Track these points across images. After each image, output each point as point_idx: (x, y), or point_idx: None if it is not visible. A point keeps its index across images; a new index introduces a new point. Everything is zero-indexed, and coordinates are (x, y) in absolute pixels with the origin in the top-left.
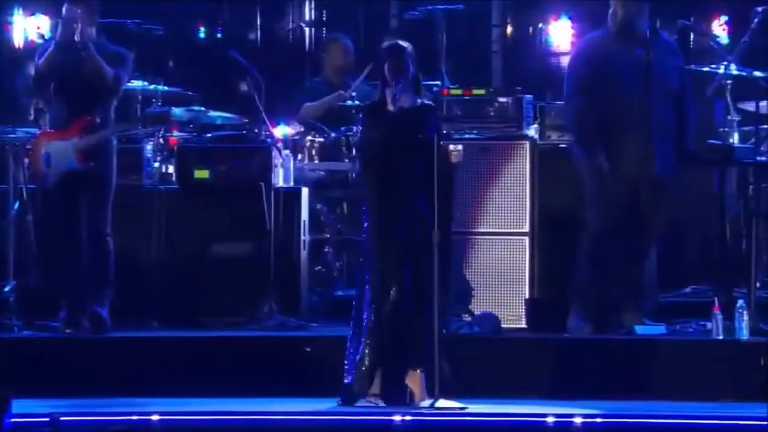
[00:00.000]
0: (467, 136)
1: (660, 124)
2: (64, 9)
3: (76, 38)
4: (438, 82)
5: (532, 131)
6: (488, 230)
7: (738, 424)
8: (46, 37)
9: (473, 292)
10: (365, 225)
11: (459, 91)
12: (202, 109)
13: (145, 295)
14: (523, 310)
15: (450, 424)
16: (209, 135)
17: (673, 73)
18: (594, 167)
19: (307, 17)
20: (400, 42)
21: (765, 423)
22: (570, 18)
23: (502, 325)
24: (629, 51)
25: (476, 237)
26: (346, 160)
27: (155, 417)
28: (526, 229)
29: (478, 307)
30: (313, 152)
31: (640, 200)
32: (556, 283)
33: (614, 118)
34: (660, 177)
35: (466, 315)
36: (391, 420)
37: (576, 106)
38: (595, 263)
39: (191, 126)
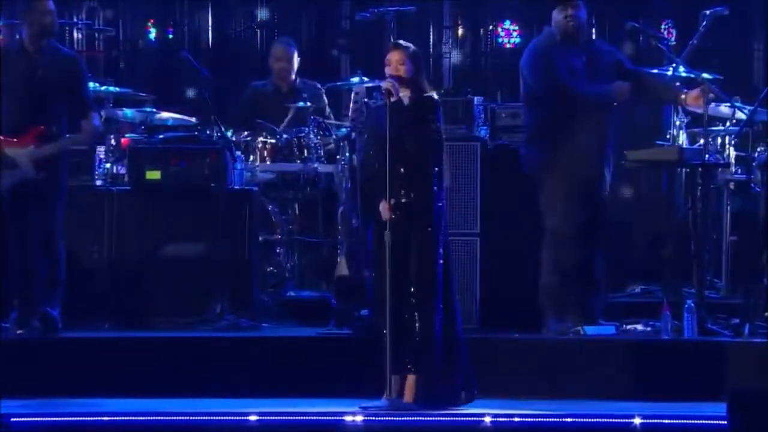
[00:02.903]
0: None
1: (610, 124)
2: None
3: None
4: None
5: (483, 132)
6: None
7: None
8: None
9: None
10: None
11: None
12: (154, 110)
13: (96, 295)
14: (475, 310)
15: (397, 425)
16: (161, 136)
17: (612, 70)
18: (557, 170)
19: (258, 18)
20: (400, 42)
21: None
22: (516, 20)
23: None
24: (574, 56)
25: None
26: (298, 161)
27: (106, 418)
28: (477, 230)
29: None
30: (265, 153)
31: (594, 201)
32: (507, 284)
33: (574, 120)
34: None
35: None
36: (342, 420)
37: (541, 112)
38: (562, 266)
39: (143, 127)
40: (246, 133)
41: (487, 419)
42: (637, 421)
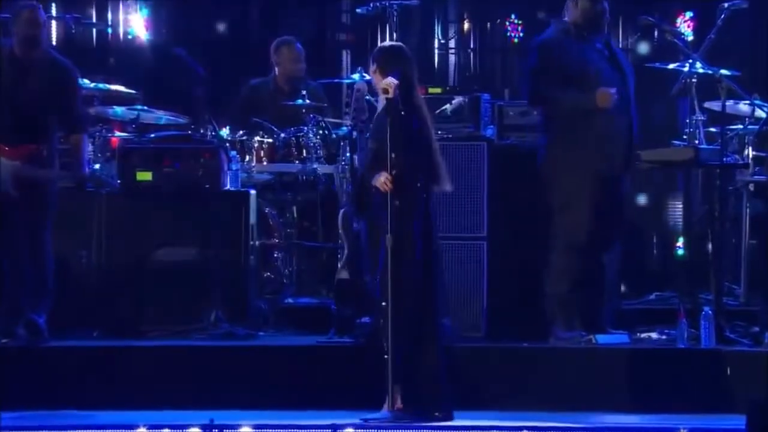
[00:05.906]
0: None
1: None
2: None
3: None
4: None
5: (490, 131)
6: (444, 234)
7: None
8: None
9: None
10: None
11: None
12: (145, 108)
13: (84, 302)
14: (481, 318)
15: None
16: (152, 135)
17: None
18: (573, 169)
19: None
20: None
21: None
22: (522, 16)
23: (460, 334)
24: (592, 45)
25: None
26: (296, 162)
27: (95, 431)
28: (484, 233)
29: None
30: (262, 154)
31: (614, 202)
32: (516, 290)
33: (598, 114)
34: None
35: None
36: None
37: (560, 107)
38: (574, 272)
39: (133, 126)
40: (242, 132)
41: None
42: None
